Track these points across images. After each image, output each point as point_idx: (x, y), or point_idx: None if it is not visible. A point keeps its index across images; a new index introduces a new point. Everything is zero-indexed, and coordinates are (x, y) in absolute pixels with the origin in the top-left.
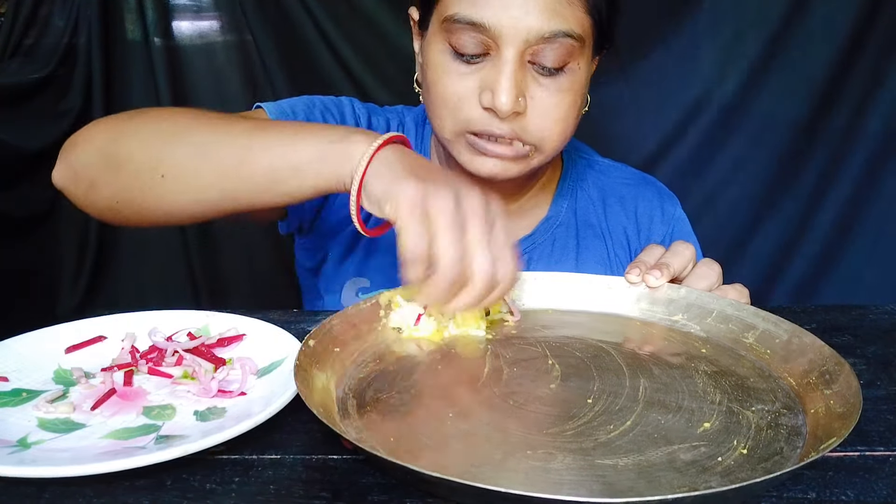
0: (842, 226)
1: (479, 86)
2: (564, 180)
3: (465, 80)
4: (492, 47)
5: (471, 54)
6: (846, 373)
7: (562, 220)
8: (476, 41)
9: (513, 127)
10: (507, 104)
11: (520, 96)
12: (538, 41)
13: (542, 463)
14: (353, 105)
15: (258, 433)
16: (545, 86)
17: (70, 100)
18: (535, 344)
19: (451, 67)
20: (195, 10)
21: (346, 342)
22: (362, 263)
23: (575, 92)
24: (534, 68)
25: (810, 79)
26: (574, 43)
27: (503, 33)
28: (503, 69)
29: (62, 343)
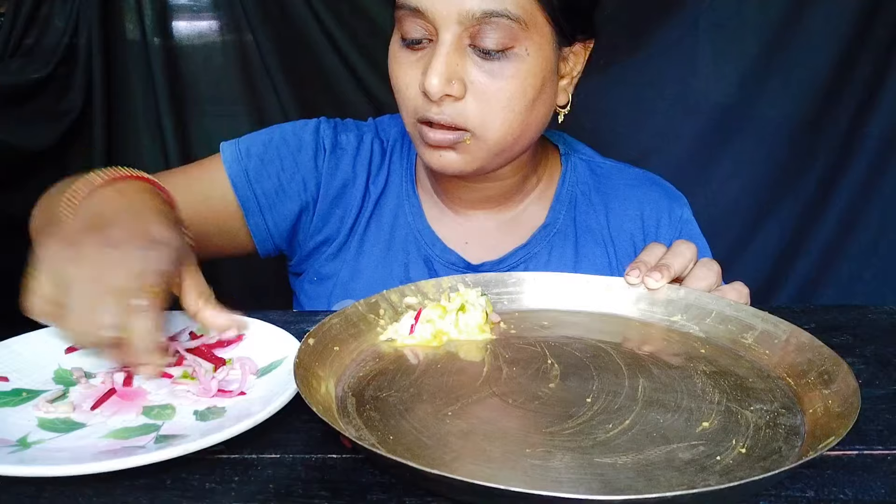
0: (842, 226)
1: (421, 72)
2: (563, 185)
3: (411, 67)
4: (432, 33)
5: (414, 39)
6: (845, 372)
7: (559, 227)
8: (418, 27)
9: (450, 112)
10: (437, 85)
11: (454, 79)
12: (473, 22)
13: (541, 461)
14: (320, 128)
15: (258, 432)
16: (486, 70)
17: (70, 100)
18: (534, 344)
19: (401, 56)
20: (195, 10)
21: (346, 341)
22: (347, 284)
23: (522, 80)
24: (474, 52)
25: (811, 79)
26: (513, 25)
27: (437, 16)
28: (438, 51)
29: (62, 343)
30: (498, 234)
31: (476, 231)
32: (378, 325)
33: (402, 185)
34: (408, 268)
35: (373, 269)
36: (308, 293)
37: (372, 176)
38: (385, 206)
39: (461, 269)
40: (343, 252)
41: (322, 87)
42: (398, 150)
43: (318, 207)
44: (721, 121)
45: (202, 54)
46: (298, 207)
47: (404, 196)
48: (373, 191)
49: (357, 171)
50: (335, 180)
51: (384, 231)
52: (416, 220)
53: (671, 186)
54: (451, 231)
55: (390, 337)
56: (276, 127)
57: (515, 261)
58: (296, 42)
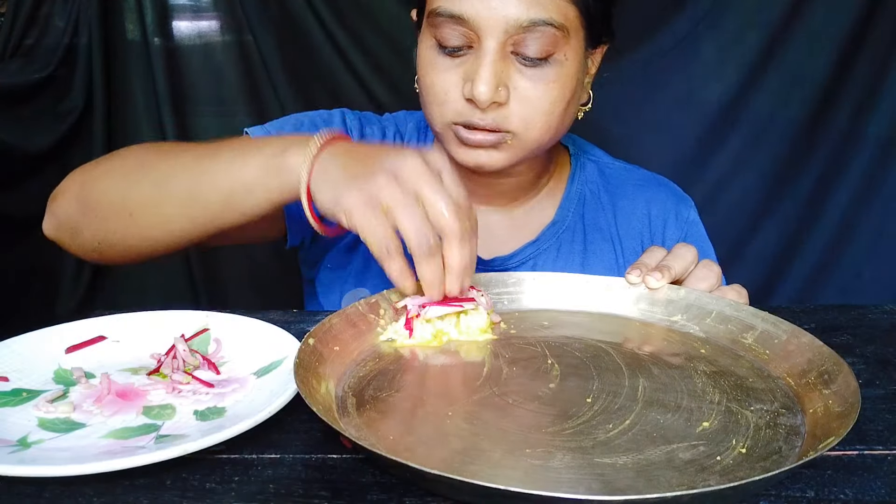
0: (842, 226)
1: (463, 78)
2: (572, 184)
3: (449, 73)
4: (474, 40)
5: (454, 47)
6: (845, 372)
7: (568, 224)
8: (458, 34)
9: (494, 117)
10: (486, 93)
11: (500, 86)
12: (518, 31)
13: (541, 461)
14: (345, 117)
15: (258, 432)
16: (528, 76)
17: (70, 100)
18: (534, 344)
19: (437, 62)
20: (195, 10)
21: (346, 341)
22: (361, 273)
23: (562, 84)
24: (517, 59)
25: (811, 79)
26: (556, 32)
27: (482, 24)
28: (483, 60)
29: (62, 343)
30: (508, 230)
31: (487, 227)
32: (378, 325)
33: None
34: None
35: None
36: (322, 281)
37: None
38: None
39: None
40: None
41: (322, 86)
42: (414, 144)
43: None
44: (721, 120)
45: (202, 54)
46: None
47: None
48: None
49: None
50: None
51: None
52: None
53: (678, 188)
54: None
55: (390, 337)
56: (301, 114)
57: (525, 256)
58: (296, 41)
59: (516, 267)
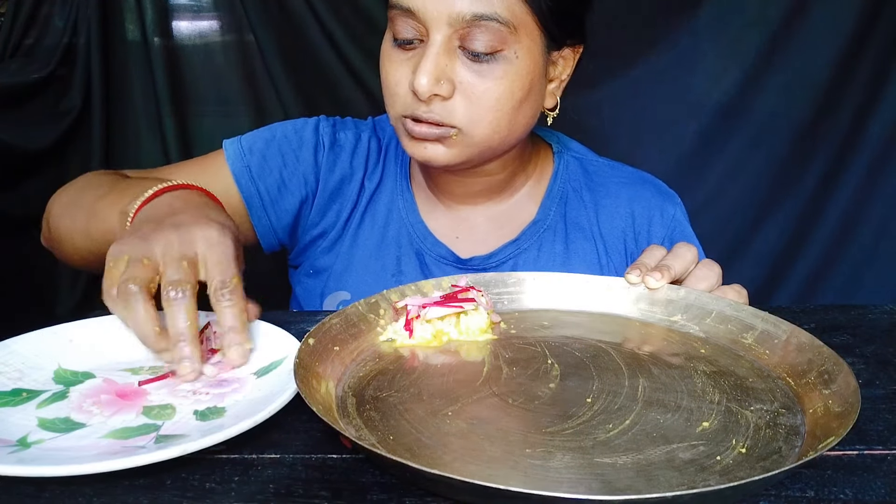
0: (843, 227)
1: (412, 71)
2: (554, 181)
3: (401, 66)
4: (423, 33)
5: (405, 39)
6: (845, 372)
7: (549, 223)
8: (409, 27)
9: (438, 111)
10: (425, 86)
11: (442, 79)
12: (462, 25)
13: (541, 461)
14: (319, 126)
15: (258, 432)
16: (474, 71)
17: (70, 100)
18: (534, 343)
19: (391, 54)
20: (195, 9)
21: (346, 341)
22: (340, 276)
23: (510, 82)
24: (464, 54)
25: (812, 80)
26: (502, 28)
27: (428, 17)
28: (426, 52)
29: (62, 343)
30: (488, 228)
31: (466, 225)
32: (378, 325)
33: (397, 180)
34: (400, 261)
35: (366, 262)
36: (304, 285)
37: (368, 172)
38: (379, 200)
39: (451, 262)
40: (338, 245)
41: (322, 86)
42: (394, 147)
43: (316, 201)
44: (721, 120)
45: (202, 54)
46: (299, 201)
47: (398, 191)
48: (368, 186)
49: (354, 168)
50: (333, 175)
51: (378, 225)
52: (409, 214)
53: (664, 185)
54: (442, 225)
55: (390, 337)
56: (277, 125)
57: (505, 256)
58: (296, 42)
59: (495, 267)
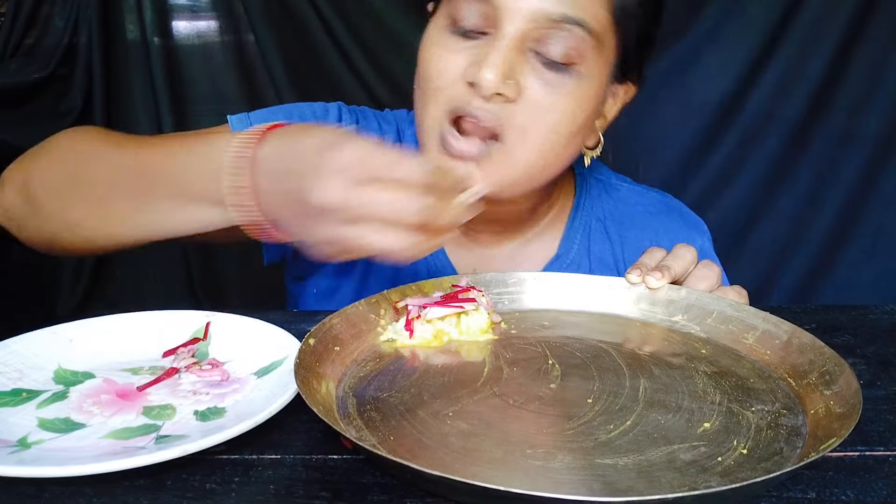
0: (841, 226)
1: (469, 62)
2: (577, 211)
3: (455, 55)
4: (492, 23)
5: (469, 28)
6: (846, 373)
7: (572, 258)
8: (477, 12)
9: (497, 112)
10: (491, 80)
11: (510, 79)
12: (545, 23)
13: (542, 462)
14: (341, 115)
15: (258, 433)
16: (545, 80)
17: (70, 100)
18: (535, 344)
19: (445, 41)
20: (195, 9)
21: (346, 341)
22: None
23: (577, 102)
24: (536, 58)
25: (809, 78)
26: (586, 36)
27: (506, 7)
28: (497, 44)
29: (62, 343)
30: (508, 263)
31: (485, 259)
32: (378, 325)
33: None
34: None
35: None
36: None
37: None
38: None
39: None
40: (348, 267)
41: (324, 85)
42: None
43: None
44: (718, 119)
45: (202, 54)
46: None
47: None
48: None
49: None
50: None
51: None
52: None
53: (690, 213)
54: (461, 258)
55: (391, 337)
56: (291, 107)
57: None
58: (297, 40)
59: None
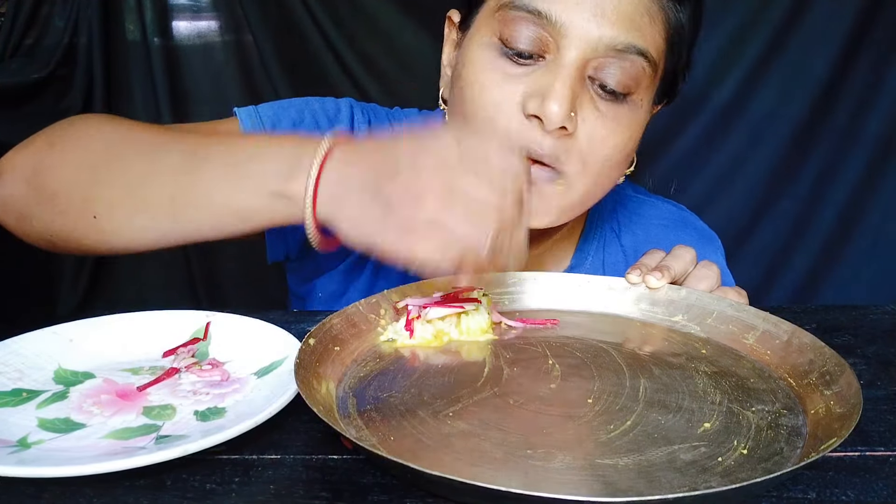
0: (841, 226)
1: (526, 91)
2: (591, 222)
3: (509, 82)
4: (550, 48)
5: (523, 50)
6: (846, 373)
7: (586, 270)
8: (533, 36)
9: (555, 147)
10: (559, 114)
11: (573, 111)
12: (607, 52)
13: (542, 462)
14: (353, 114)
15: (258, 433)
16: (602, 111)
17: (70, 100)
18: (535, 344)
19: (496, 64)
20: (195, 10)
21: (347, 341)
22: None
23: (631, 132)
24: (593, 87)
25: (810, 78)
26: (646, 67)
27: (569, 32)
28: (561, 73)
29: (62, 343)
30: None
31: None
32: (378, 325)
33: None
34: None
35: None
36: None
37: None
38: None
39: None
40: (355, 271)
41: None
42: None
43: None
44: (720, 119)
45: (202, 54)
46: None
47: None
48: None
49: None
50: None
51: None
52: None
53: (705, 227)
54: None
55: (391, 337)
56: (303, 104)
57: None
58: (294, 42)
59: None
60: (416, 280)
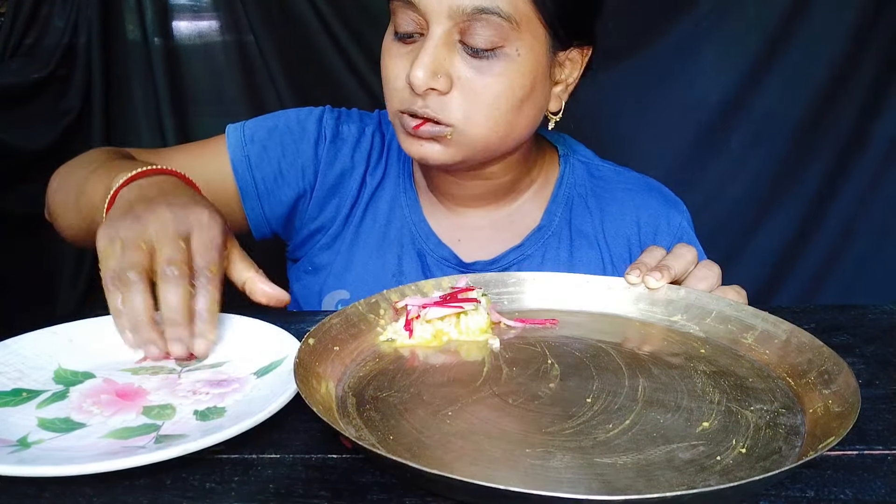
0: (844, 227)
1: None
2: (560, 186)
3: (400, 59)
4: (423, 26)
5: (405, 33)
6: (845, 372)
7: (554, 229)
8: (410, 20)
9: (434, 107)
10: (421, 78)
11: (440, 73)
12: (463, 18)
13: (541, 461)
14: (323, 117)
15: (258, 432)
16: (473, 67)
17: (70, 100)
18: (534, 343)
19: (392, 48)
20: (195, 10)
21: (346, 341)
22: (340, 275)
23: (511, 80)
24: (464, 49)
25: (813, 79)
26: (504, 23)
27: (428, 9)
28: (425, 45)
29: (62, 343)
30: (491, 232)
31: (469, 229)
32: (378, 325)
33: (400, 178)
34: (401, 260)
35: (366, 260)
36: (303, 282)
37: (370, 167)
38: (381, 198)
39: (453, 265)
40: (337, 242)
41: (323, 86)
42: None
43: (314, 195)
44: (723, 120)
45: (202, 54)
46: (295, 194)
47: (401, 189)
48: (370, 182)
49: (356, 162)
50: (333, 169)
51: (379, 222)
52: (411, 213)
53: (670, 193)
54: (443, 227)
55: (390, 337)
56: (281, 113)
57: (509, 262)
58: (296, 41)
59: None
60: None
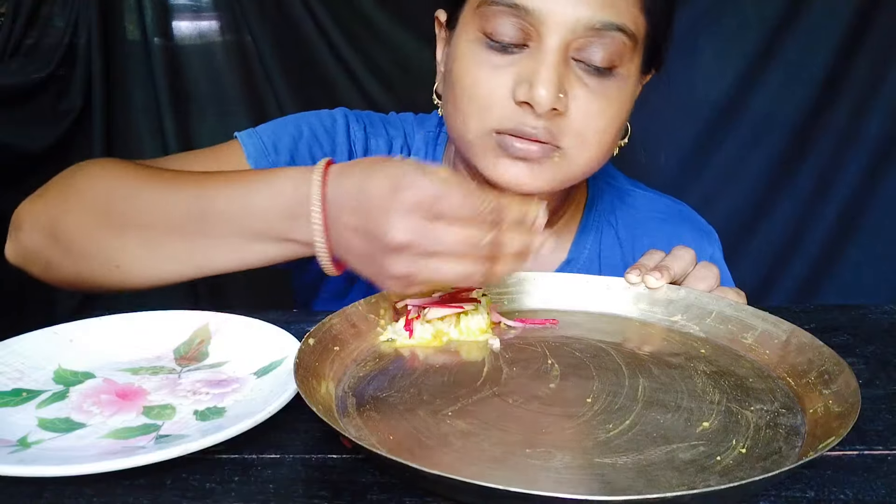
0: (841, 226)
1: (515, 80)
2: (587, 217)
3: (498, 73)
4: (532, 36)
5: (507, 42)
6: (845, 373)
7: (583, 263)
8: (515, 27)
9: (548, 127)
10: (547, 98)
11: (561, 92)
12: (586, 32)
13: (541, 461)
14: (349, 125)
15: (258, 433)
16: (590, 87)
17: (70, 100)
18: (534, 343)
19: (483, 58)
20: (195, 10)
21: (346, 341)
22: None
23: (621, 104)
24: (578, 66)
25: (809, 79)
26: (626, 41)
27: (547, 19)
28: (544, 59)
29: (62, 343)
30: None
31: None
32: (378, 325)
33: None
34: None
35: None
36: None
37: None
38: None
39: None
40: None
41: (319, 86)
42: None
43: None
44: (719, 120)
45: (202, 54)
46: None
47: None
48: None
49: None
50: None
51: None
52: None
53: (702, 220)
54: None
55: (390, 337)
56: (299, 118)
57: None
58: (293, 42)
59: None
60: None
